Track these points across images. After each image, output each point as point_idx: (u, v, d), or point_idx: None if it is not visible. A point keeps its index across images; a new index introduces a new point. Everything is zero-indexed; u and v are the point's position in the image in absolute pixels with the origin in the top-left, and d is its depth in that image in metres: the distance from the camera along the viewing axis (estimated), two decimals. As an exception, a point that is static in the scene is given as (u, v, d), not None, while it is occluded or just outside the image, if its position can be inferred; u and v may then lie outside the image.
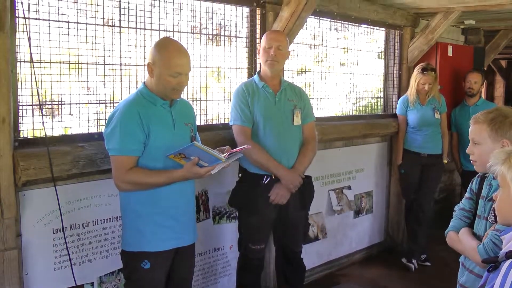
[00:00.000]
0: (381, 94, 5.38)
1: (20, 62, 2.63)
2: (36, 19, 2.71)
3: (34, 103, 2.72)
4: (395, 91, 5.36)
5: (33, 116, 2.73)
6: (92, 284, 3.01)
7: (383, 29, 5.19)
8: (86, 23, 2.92)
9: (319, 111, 4.56)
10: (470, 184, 2.34)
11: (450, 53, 5.54)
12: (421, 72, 4.78)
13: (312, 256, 4.46)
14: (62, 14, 2.81)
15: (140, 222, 2.57)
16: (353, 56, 4.94)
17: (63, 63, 2.85)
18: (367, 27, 4.98)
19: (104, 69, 3.04)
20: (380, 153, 5.27)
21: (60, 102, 2.90)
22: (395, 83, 5.35)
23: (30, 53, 2.62)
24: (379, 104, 5.37)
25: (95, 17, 2.95)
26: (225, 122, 3.63)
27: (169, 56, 2.52)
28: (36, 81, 2.63)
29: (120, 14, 3.07)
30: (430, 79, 4.76)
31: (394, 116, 5.14)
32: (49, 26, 2.75)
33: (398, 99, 5.17)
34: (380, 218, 5.35)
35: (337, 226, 4.76)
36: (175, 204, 2.63)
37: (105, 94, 3.07)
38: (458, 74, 5.60)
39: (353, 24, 4.76)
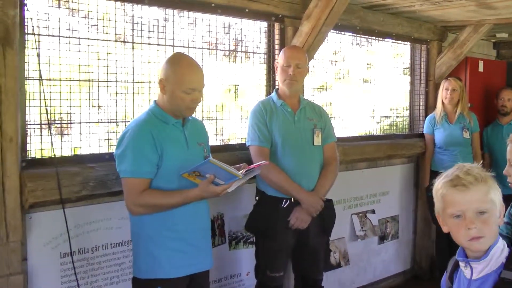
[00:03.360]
0: (407, 113, 5.34)
1: (28, 79, 2.66)
2: (46, 35, 2.74)
3: (42, 122, 2.74)
4: (421, 109, 5.32)
5: (41, 135, 2.75)
6: (101, 311, 2.99)
7: (409, 43, 5.18)
8: (97, 39, 2.95)
9: (341, 131, 4.53)
10: (509, 208, 2.28)
11: (480, 69, 5.50)
12: (445, 79, 4.89)
13: (334, 284, 4.40)
14: (72, 29, 2.84)
15: (153, 247, 2.54)
16: (377, 72, 4.93)
17: (73, 80, 2.88)
18: (392, 42, 4.97)
19: (116, 86, 3.06)
20: (406, 175, 5.22)
21: (69, 121, 2.92)
22: (422, 101, 5.32)
23: (39, 70, 2.64)
24: (404, 123, 5.33)
25: (106, 33, 2.99)
26: (242, 142, 3.61)
27: (182, 72, 2.51)
28: (45, 99, 2.66)
29: (132, 29, 3.10)
30: (453, 83, 4.80)
31: (421, 136, 5.12)
32: (59, 43, 2.79)
33: (425, 117, 5.15)
34: (406, 244, 5.27)
35: (360, 252, 4.70)
36: (190, 228, 2.60)
37: (116, 112, 3.09)
38: (489, 91, 5.54)
39: (377, 38, 4.76)
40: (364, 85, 4.88)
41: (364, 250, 4.74)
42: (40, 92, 2.65)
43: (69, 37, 2.83)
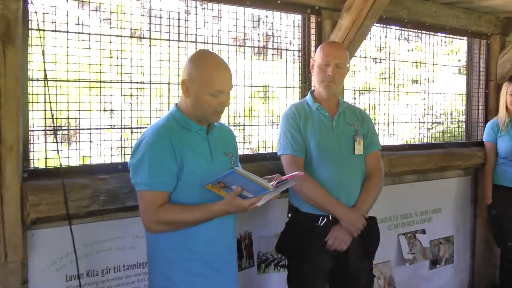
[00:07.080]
0: (463, 118, 5.32)
1: (32, 80, 2.69)
2: (52, 30, 2.78)
3: (47, 128, 2.77)
4: (480, 113, 5.29)
5: (46, 143, 2.78)
6: None
7: (465, 38, 5.15)
8: (110, 35, 2.97)
9: (386, 138, 4.54)
10: None
11: (551, 67, 5.38)
12: (509, 81, 4.83)
13: (378, 314, 4.37)
14: (82, 24, 2.89)
15: (170, 269, 2.52)
16: (428, 71, 4.90)
17: (83, 81, 2.90)
18: (445, 36, 4.95)
19: (131, 88, 3.08)
20: (462, 190, 5.18)
21: (78, 127, 2.95)
22: (481, 104, 5.28)
23: (44, 70, 2.66)
24: (460, 130, 5.31)
25: (121, 28, 3.01)
26: (273, 151, 3.61)
27: (208, 72, 2.49)
28: (50, 102, 2.67)
29: (150, 23, 3.12)
30: None
31: (480, 145, 5.07)
32: (67, 39, 2.81)
33: (485, 123, 5.12)
34: (463, 270, 5.22)
35: (408, 278, 4.67)
36: (214, 249, 2.58)
37: (131, 117, 3.10)
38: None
39: (428, 32, 4.76)
40: (413, 86, 4.88)
41: (412, 276, 4.71)
42: (45, 94, 2.67)
43: (78, 32, 2.86)
